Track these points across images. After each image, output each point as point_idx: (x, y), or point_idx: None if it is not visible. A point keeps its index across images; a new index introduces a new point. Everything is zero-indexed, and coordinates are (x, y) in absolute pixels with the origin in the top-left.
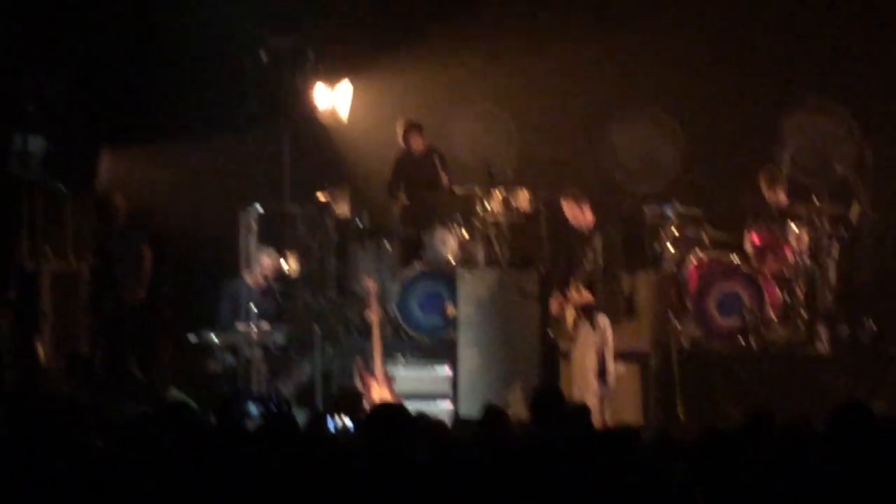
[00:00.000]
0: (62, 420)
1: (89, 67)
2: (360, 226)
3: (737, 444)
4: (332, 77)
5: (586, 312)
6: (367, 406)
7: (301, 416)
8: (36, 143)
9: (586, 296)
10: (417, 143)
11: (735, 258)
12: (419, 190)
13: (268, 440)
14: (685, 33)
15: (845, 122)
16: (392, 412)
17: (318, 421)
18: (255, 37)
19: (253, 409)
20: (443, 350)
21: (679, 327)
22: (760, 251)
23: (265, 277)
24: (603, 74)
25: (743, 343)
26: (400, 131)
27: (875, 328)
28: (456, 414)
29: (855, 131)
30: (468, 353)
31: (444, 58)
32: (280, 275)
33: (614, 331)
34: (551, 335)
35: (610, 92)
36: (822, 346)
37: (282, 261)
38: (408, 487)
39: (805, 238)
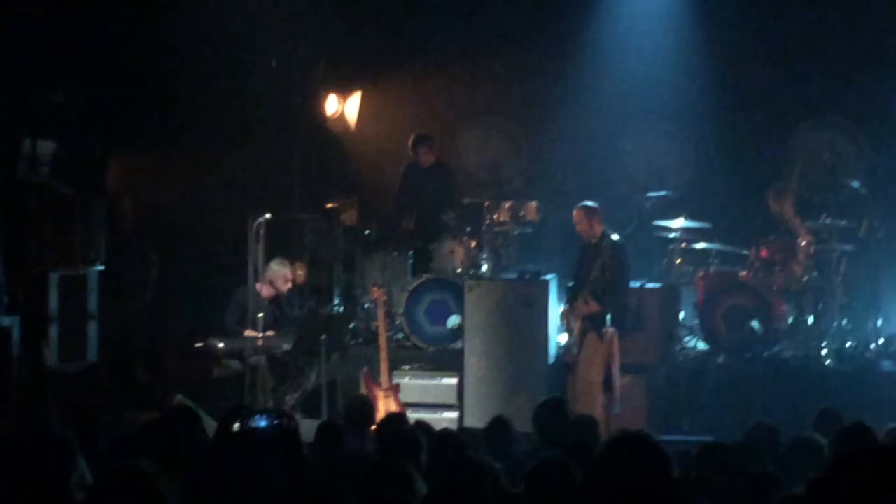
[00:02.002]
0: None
1: (99, 73)
2: (369, 235)
3: (739, 456)
4: (342, 87)
5: (593, 324)
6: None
7: (306, 425)
8: (45, 148)
9: (594, 307)
10: (427, 157)
11: (742, 272)
12: (428, 202)
13: (272, 452)
14: (694, 48)
15: (854, 137)
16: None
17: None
18: (266, 46)
19: (260, 421)
20: (449, 360)
21: (686, 340)
22: (768, 265)
23: (272, 285)
24: (613, 88)
25: (749, 356)
26: (410, 144)
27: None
28: (461, 424)
29: (864, 146)
30: (475, 363)
31: (455, 69)
32: (288, 283)
33: (621, 343)
34: (559, 346)
35: (620, 106)
36: (829, 360)
37: (290, 269)
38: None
39: (813, 253)
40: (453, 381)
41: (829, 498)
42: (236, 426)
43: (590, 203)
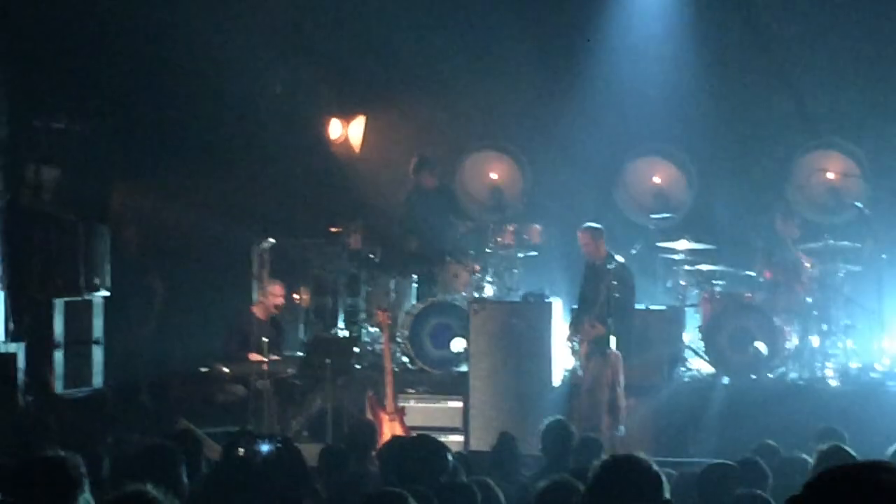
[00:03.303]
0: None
1: (103, 99)
2: (373, 259)
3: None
4: (346, 111)
5: (598, 346)
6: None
7: (312, 449)
8: (49, 174)
9: (600, 330)
10: (429, 181)
11: (747, 293)
12: (431, 225)
13: (276, 477)
14: (697, 70)
15: (856, 157)
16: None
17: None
18: (269, 71)
19: (262, 446)
20: (454, 383)
21: (689, 361)
22: (773, 286)
23: (277, 308)
24: (616, 111)
25: (754, 377)
26: (411, 168)
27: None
28: (467, 447)
29: (866, 167)
30: (479, 386)
31: (458, 93)
32: (292, 307)
33: (626, 365)
34: (563, 369)
35: (623, 128)
36: (834, 380)
37: (294, 294)
38: None
39: (817, 274)
40: (458, 404)
41: None
42: (240, 451)
43: (595, 224)
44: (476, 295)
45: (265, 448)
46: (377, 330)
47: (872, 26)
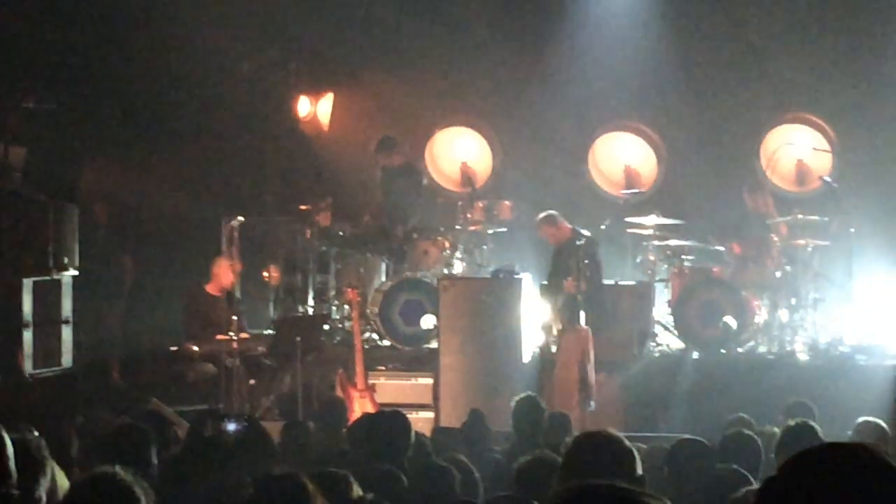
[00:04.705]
0: None
1: (71, 79)
2: (343, 236)
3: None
4: (314, 89)
5: (568, 322)
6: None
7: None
8: (17, 154)
9: (568, 305)
10: (393, 159)
11: (716, 268)
12: (397, 203)
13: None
14: (666, 47)
15: (825, 133)
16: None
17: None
18: (238, 49)
19: (229, 425)
20: (424, 360)
21: (659, 336)
22: (741, 260)
23: (229, 285)
24: (586, 88)
25: (724, 352)
26: (374, 148)
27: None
28: (437, 423)
29: (835, 143)
30: (449, 363)
31: (427, 70)
32: (262, 285)
33: (596, 340)
34: (534, 345)
35: (593, 105)
36: (803, 354)
37: (264, 272)
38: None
39: (785, 248)
40: (428, 381)
41: (777, 496)
42: (207, 430)
43: (544, 214)
44: (446, 271)
45: (231, 427)
46: (347, 307)
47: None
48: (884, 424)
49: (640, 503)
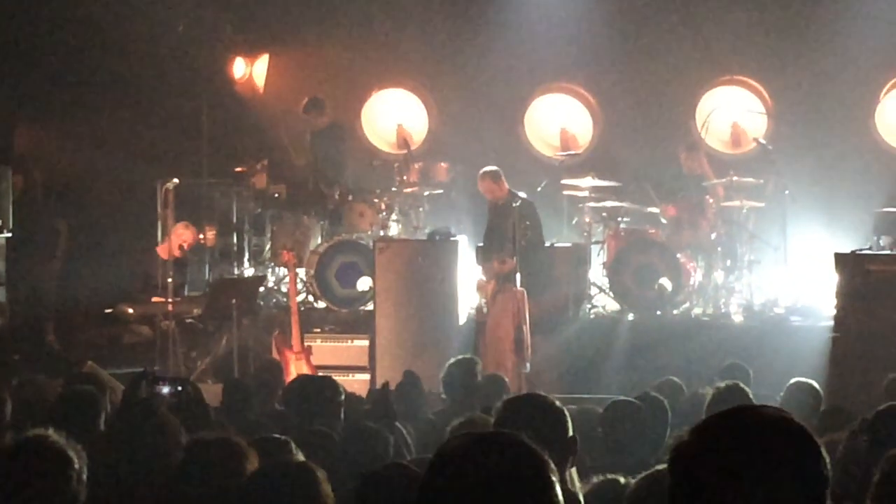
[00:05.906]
0: None
1: (2, 41)
2: (278, 198)
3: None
4: (249, 50)
5: (504, 283)
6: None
7: (217, 390)
8: None
9: (509, 265)
10: (320, 120)
11: (652, 230)
12: (324, 164)
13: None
14: (601, 8)
15: (760, 95)
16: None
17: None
18: (172, 10)
19: (163, 388)
20: (360, 322)
21: (595, 298)
22: (677, 222)
23: (181, 249)
24: (521, 49)
25: (659, 313)
26: (301, 109)
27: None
28: (373, 385)
29: (769, 105)
30: (385, 325)
31: (362, 32)
32: (197, 247)
33: (531, 302)
34: (469, 307)
35: (528, 66)
36: (739, 316)
37: (199, 234)
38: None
39: (721, 210)
40: (364, 343)
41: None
42: (141, 392)
43: (490, 168)
44: (382, 233)
45: (166, 389)
46: (283, 269)
47: None
48: (816, 385)
49: (522, 444)
